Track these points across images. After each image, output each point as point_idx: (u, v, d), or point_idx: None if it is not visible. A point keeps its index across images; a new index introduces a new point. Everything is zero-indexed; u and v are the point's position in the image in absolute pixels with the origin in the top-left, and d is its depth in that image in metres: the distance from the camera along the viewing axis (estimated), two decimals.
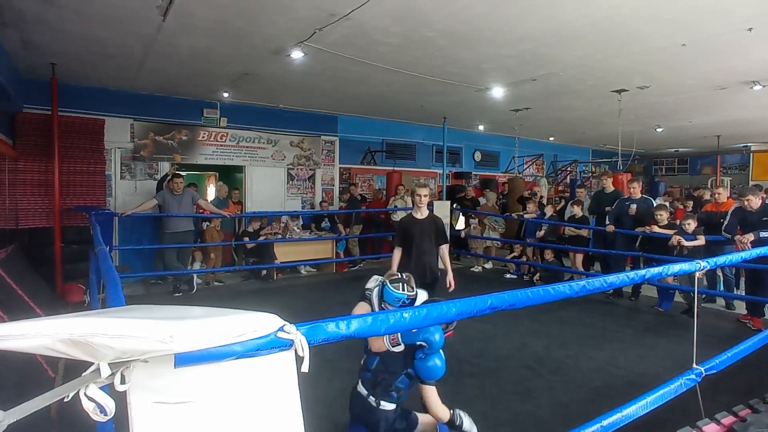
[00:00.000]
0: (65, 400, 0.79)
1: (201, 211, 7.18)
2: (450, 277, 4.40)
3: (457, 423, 2.33)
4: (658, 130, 11.19)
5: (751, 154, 14.53)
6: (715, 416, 1.75)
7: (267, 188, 9.19)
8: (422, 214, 4.32)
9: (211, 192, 10.86)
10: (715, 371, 2.25)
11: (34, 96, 6.55)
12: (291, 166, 9.45)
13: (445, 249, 4.41)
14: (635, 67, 6.02)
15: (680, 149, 15.63)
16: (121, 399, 0.83)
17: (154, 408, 0.85)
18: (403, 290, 2.33)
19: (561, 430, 1.69)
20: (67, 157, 6.55)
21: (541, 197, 9.35)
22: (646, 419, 1.89)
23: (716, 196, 6.23)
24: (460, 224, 8.98)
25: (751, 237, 5.01)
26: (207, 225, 7.67)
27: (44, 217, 6.38)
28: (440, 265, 4.50)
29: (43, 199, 6.37)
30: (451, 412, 2.34)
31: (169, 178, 6.90)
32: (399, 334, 2.11)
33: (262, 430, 0.93)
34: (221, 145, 8.56)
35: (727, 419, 1.74)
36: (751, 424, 1.55)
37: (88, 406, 0.77)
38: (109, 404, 0.79)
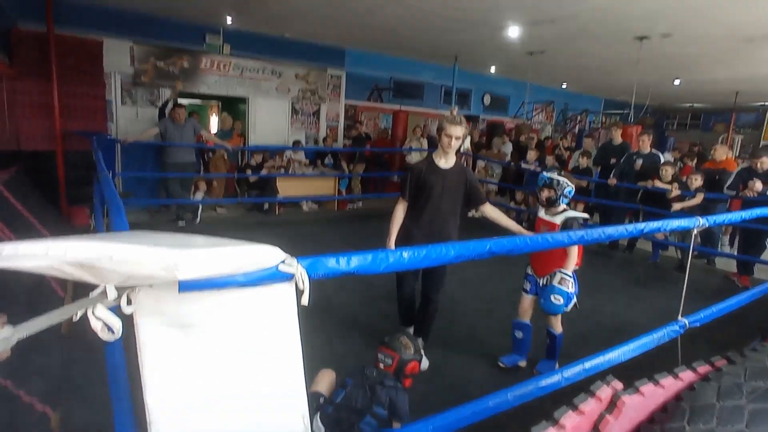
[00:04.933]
0: (74, 319, 0.82)
1: (204, 142, 7.12)
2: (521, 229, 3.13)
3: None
4: (676, 82, 10.81)
5: (767, 113, 14.18)
6: (692, 365, 1.83)
7: (271, 121, 9.03)
8: (448, 161, 3.01)
9: (213, 123, 10.69)
10: (698, 324, 2.33)
11: (27, 11, 6.25)
12: (296, 100, 9.23)
13: (491, 208, 3.11)
14: (661, 13, 5.70)
15: (695, 104, 15.18)
16: (128, 320, 0.87)
17: (160, 329, 0.89)
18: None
19: None
20: (65, 79, 6.36)
21: (545, 139, 9.14)
22: (626, 364, 1.98)
23: (713, 153, 6.21)
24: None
25: (759, 186, 5.01)
26: (210, 156, 7.63)
27: (46, 140, 6.31)
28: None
29: (43, 121, 6.27)
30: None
31: (170, 105, 6.77)
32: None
33: (263, 356, 0.98)
34: (224, 74, 8.31)
35: (704, 368, 1.82)
36: (726, 373, 1.63)
37: (96, 325, 0.81)
38: (116, 324, 0.82)
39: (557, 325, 3.11)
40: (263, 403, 1.00)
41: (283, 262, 0.96)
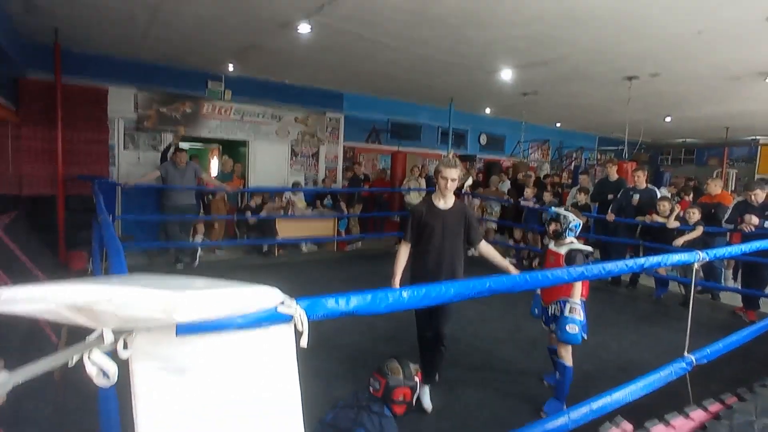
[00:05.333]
0: (69, 364, 0.81)
1: (204, 184, 7.19)
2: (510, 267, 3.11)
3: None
4: (667, 119, 11.07)
5: (759, 147, 14.38)
6: (702, 403, 1.78)
7: (270, 164, 9.16)
8: (447, 202, 3.14)
9: (214, 166, 10.84)
10: (706, 361, 2.28)
11: (36, 61, 6.48)
12: (295, 143, 9.40)
13: (486, 246, 3.25)
14: (648, 54, 5.91)
15: (687, 140, 15.48)
16: (123, 365, 0.86)
17: (155, 375, 0.87)
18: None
19: None
20: (70, 125, 6.51)
21: (544, 177, 9.24)
22: (635, 404, 1.93)
23: (706, 187, 6.31)
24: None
25: (756, 221, 5.03)
26: (210, 198, 7.68)
27: (48, 184, 6.39)
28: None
29: (46, 166, 6.37)
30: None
31: (171, 150, 6.88)
32: None
33: (261, 401, 0.96)
34: (225, 119, 8.50)
35: (714, 406, 1.77)
36: (736, 411, 1.59)
37: (91, 370, 0.79)
38: (112, 369, 0.81)
39: (568, 358, 3.11)
40: None
41: (281, 303, 0.96)
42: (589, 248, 3.29)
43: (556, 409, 2.97)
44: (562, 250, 3.18)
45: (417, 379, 2.06)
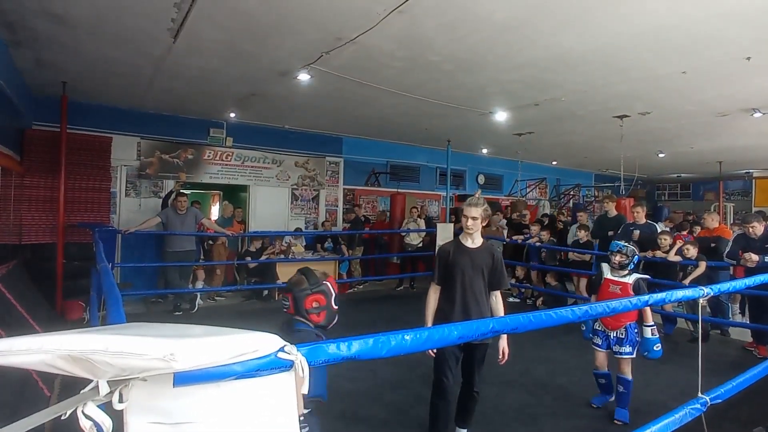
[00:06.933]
0: (62, 417, 0.78)
1: (205, 230, 7.19)
2: (504, 342, 3.02)
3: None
4: (660, 155, 11.24)
5: (753, 180, 14.52)
6: None
7: (271, 208, 9.22)
8: (474, 241, 3.04)
9: (215, 211, 10.90)
10: (720, 400, 2.21)
11: (43, 113, 6.65)
12: (295, 187, 9.51)
13: (500, 298, 3.11)
14: (636, 94, 6.09)
15: (682, 175, 15.66)
16: (117, 418, 0.83)
17: (150, 428, 0.84)
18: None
19: None
20: (73, 174, 6.58)
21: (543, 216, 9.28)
22: None
23: (703, 221, 6.45)
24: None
25: (755, 257, 5.01)
26: (210, 244, 7.66)
27: (48, 232, 6.38)
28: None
29: (47, 214, 6.38)
30: None
31: (173, 195, 6.93)
32: None
33: None
34: (226, 165, 8.63)
35: None
36: None
37: (85, 424, 0.77)
38: (107, 423, 0.78)
39: (629, 372, 3.48)
40: None
41: (281, 349, 0.94)
42: (647, 276, 3.77)
43: (625, 416, 3.44)
44: (627, 279, 3.50)
45: (328, 282, 1.99)
